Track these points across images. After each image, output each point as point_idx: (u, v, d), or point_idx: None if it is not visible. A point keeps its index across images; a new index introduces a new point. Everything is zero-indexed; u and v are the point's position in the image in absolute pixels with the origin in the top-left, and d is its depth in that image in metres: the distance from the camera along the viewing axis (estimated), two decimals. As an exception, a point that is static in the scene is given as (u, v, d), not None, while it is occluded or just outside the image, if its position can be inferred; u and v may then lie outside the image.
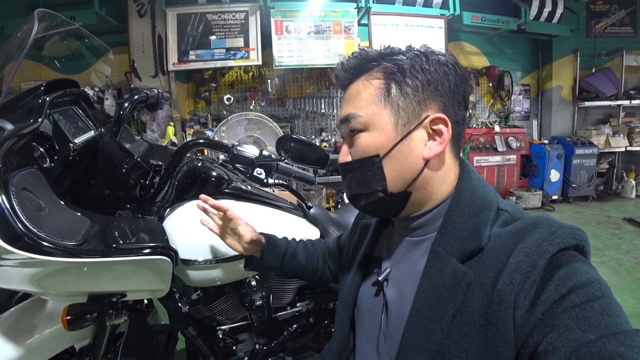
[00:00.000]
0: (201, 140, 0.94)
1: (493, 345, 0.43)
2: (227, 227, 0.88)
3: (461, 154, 0.60)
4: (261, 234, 0.88)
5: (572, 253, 0.45)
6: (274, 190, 1.12)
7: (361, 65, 0.56)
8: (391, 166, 0.54)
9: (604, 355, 0.36)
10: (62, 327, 0.73)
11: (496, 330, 0.43)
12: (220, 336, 1.10)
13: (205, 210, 0.89)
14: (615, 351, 0.36)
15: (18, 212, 0.55)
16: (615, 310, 0.40)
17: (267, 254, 0.87)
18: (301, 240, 0.95)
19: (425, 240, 0.57)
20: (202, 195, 0.88)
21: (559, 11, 4.07)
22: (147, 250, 0.68)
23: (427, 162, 0.54)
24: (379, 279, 0.60)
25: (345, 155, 0.58)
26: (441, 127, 0.53)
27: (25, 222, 0.55)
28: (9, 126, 0.65)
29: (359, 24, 3.63)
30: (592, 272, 0.43)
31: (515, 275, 0.43)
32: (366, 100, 0.54)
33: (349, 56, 0.58)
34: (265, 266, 0.88)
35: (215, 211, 0.89)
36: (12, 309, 0.91)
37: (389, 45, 0.57)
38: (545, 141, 4.45)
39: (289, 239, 0.94)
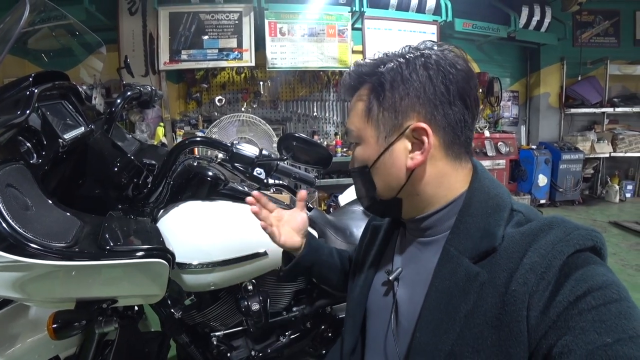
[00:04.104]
0: (199, 139, 0.91)
1: (506, 347, 0.43)
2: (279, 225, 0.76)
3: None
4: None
5: (589, 255, 0.44)
6: (273, 191, 1.09)
7: (355, 83, 0.59)
8: (378, 176, 0.57)
9: (621, 359, 0.35)
10: (47, 336, 0.69)
11: (509, 331, 0.42)
12: (214, 343, 1.06)
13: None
14: (632, 355, 0.35)
15: (2, 210, 0.51)
16: (632, 313, 0.39)
17: (309, 246, 0.77)
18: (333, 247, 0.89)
19: (437, 240, 0.56)
20: (255, 193, 0.74)
21: (547, 20, 4.20)
22: (142, 253, 0.64)
23: (412, 171, 0.53)
24: (390, 278, 0.60)
25: (351, 163, 0.63)
26: (423, 137, 0.52)
27: (10, 221, 0.51)
28: (-6, 119, 0.60)
29: (353, 28, 3.65)
30: (609, 274, 0.42)
31: (530, 276, 0.43)
32: (357, 116, 0.58)
33: (346, 74, 0.61)
34: (307, 259, 0.77)
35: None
36: (-8, 316, 0.85)
37: (384, 53, 0.57)
38: (533, 146, 4.55)
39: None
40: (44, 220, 0.59)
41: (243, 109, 3.72)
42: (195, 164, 1.03)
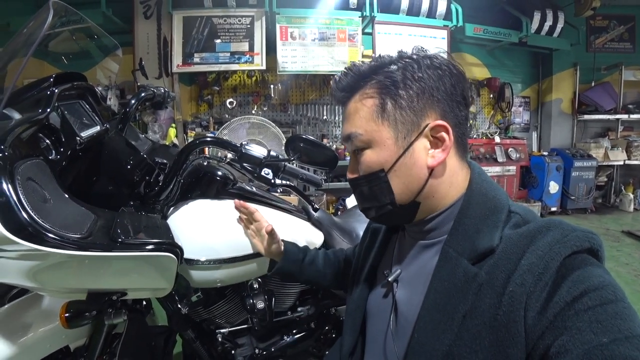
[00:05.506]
0: (209, 139, 0.93)
1: (503, 347, 0.43)
2: (251, 226, 0.93)
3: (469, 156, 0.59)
4: (282, 241, 0.92)
5: (586, 256, 0.45)
6: (280, 192, 1.11)
7: (355, 82, 0.56)
8: (397, 179, 0.54)
9: (617, 359, 0.36)
10: (58, 326, 0.72)
11: (507, 332, 0.43)
12: (219, 339, 1.08)
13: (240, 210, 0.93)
14: (628, 355, 0.36)
15: (23, 201, 0.53)
16: (628, 314, 0.39)
17: (285, 258, 0.89)
18: (323, 250, 0.97)
19: (437, 242, 0.56)
20: (236, 201, 0.93)
21: (560, 25, 4.14)
22: (152, 247, 0.67)
23: (432, 170, 0.53)
24: (389, 279, 0.60)
25: (352, 172, 0.60)
26: (442, 134, 0.52)
27: (30, 212, 0.54)
28: (17, 115, 0.64)
29: (363, 33, 3.66)
30: (606, 275, 0.43)
31: (527, 276, 0.43)
32: (364, 118, 0.55)
33: (341, 74, 0.58)
34: (285, 270, 0.90)
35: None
36: (6, 306, 0.88)
37: (380, 55, 0.56)
38: (545, 153, 4.48)
39: (310, 248, 0.97)
40: (60, 213, 0.62)
41: (253, 112, 3.76)
42: (205, 163, 1.05)
